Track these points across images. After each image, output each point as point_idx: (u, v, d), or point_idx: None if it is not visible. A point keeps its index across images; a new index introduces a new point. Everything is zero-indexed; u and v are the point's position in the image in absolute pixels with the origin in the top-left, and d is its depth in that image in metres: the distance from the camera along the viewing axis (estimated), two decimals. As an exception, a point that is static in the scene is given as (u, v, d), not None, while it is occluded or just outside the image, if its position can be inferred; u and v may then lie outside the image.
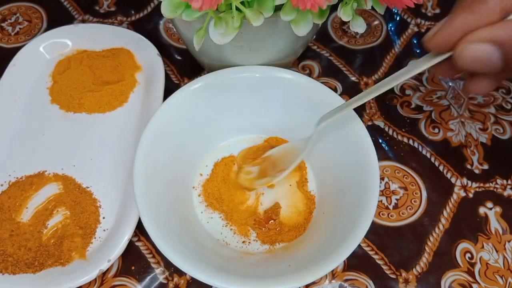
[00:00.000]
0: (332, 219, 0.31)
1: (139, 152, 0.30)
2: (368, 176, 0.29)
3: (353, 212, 0.29)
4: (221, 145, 0.36)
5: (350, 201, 0.30)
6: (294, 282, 0.26)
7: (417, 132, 0.39)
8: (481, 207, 0.35)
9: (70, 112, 0.38)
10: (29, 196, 0.34)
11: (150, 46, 0.40)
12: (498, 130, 0.39)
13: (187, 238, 0.29)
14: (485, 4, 0.21)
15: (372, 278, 0.32)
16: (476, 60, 0.22)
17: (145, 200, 0.28)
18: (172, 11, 0.27)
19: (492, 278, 0.32)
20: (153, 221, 0.27)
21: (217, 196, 0.34)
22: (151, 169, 0.30)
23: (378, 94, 0.28)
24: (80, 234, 0.32)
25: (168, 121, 0.32)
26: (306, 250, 0.29)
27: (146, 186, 0.29)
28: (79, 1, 0.47)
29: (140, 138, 0.30)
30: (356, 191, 0.30)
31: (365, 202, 0.28)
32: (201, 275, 0.26)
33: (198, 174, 0.35)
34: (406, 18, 0.46)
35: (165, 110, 0.32)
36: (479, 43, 0.21)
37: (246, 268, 0.29)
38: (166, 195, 0.30)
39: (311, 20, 0.28)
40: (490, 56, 0.21)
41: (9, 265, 0.30)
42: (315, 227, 0.32)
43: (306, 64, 0.43)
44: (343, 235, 0.28)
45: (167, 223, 0.28)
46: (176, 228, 0.29)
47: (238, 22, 0.27)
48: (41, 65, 0.41)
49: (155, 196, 0.29)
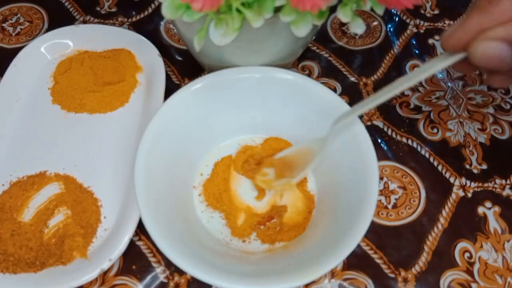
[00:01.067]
0: (331, 219, 0.31)
1: (140, 152, 0.30)
2: (367, 177, 0.29)
3: (352, 212, 0.29)
4: (221, 145, 0.36)
5: (350, 201, 0.30)
6: (294, 281, 0.26)
7: (416, 132, 0.39)
8: (480, 206, 0.35)
9: (71, 113, 0.38)
10: (30, 195, 0.34)
11: (151, 47, 0.41)
12: (497, 130, 0.39)
13: (188, 237, 0.29)
14: (498, 5, 0.22)
15: (371, 277, 0.32)
16: (489, 57, 0.23)
17: (146, 200, 0.28)
18: (173, 12, 0.27)
19: (491, 278, 0.32)
20: (154, 222, 0.28)
21: (217, 196, 0.34)
22: (152, 169, 0.30)
23: (398, 92, 0.28)
24: (81, 234, 0.32)
25: (169, 122, 0.32)
26: (306, 249, 0.30)
27: (147, 186, 0.29)
28: (80, 2, 0.47)
29: (141, 139, 0.30)
30: (355, 191, 0.30)
31: (364, 202, 0.28)
32: (202, 275, 0.26)
33: (199, 174, 0.35)
34: (405, 19, 0.46)
35: (165, 111, 0.32)
36: (491, 41, 0.22)
37: (247, 267, 0.29)
38: (167, 195, 0.31)
39: (310, 21, 0.28)
40: (503, 54, 0.22)
41: (10, 264, 0.31)
42: (315, 226, 0.32)
43: (306, 64, 0.43)
44: (342, 234, 0.28)
45: (168, 223, 0.29)
46: (177, 228, 0.29)
47: (238, 23, 0.27)
48: (42, 66, 0.41)
49: (156, 197, 0.29)
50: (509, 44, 0.22)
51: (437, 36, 0.45)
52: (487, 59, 0.23)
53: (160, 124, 0.31)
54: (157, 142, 0.31)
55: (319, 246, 0.29)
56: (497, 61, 0.23)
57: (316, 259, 0.27)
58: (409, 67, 0.43)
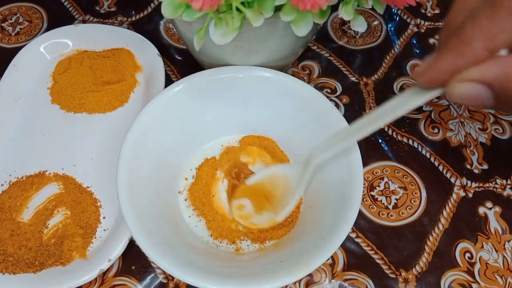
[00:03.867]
0: (319, 213, 0.31)
1: (121, 163, 0.29)
2: (352, 169, 0.29)
3: (340, 204, 0.29)
4: (204, 148, 0.36)
5: (336, 193, 0.30)
6: (287, 278, 0.26)
7: (417, 132, 0.39)
8: (481, 207, 0.35)
9: (70, 112, 0.38)
10: (29, 196, 0.34)
11: (150, 46, 0.40)
12: (497, 130, 0.39)
13: (177, 244, 0.29)
14: (470, 46, 0.21)
15: (371, 278, 0.32)
16: (466, 98, 0.22)
17: (131, 209, 0.28)
18: (173, 12, 0.27)
19: (491, 278, 0.32)
20: (141, 231, 0.27)
21: (203, 200, 0.33)
22: (135, 177, 0.29)
23: (375, 128, 0.27)
24: (81, 234, 0.32)
25: (149, 127, 0.32)
26: (297, 245, 0.29)
27: (131, 195, 0.28)
28: (80, 2, 0.47)
29: (120, 148, 0.30)
30: (341, 184, 0.30)
31: (351, 192, 0.28)
32: (193, 280, 0.26)
33: (183, 178, 0.35)
34: (405, 19, 0.46)
35: (146, 114, 0.31)
36: (468, 82, 0.22)
37: (239, 268, 0.29)
38: (153, 202, 0.30)
39: (311, 21, 0.28)
40: (480, 94, 0.22)
41: (9, 264, 0.30)
42: (304, 222, 0.32)
43: (306, 64, 0.43)
44: (331, 227, 0.28)
45: (155, 231, 0.28)
46: (165, 235, 0.29)
47: (238, 22, 0.27)
48: (42, 65, 0.41)
49: (142, 204, 0.29)
50: (485, 84, 0.22)
51: (438, 35, 0.45)
52: (465, 99, 0.22)
53: (140, 130, 0.31)
54: (138, 149, 0.30)
55: (309, 240, 0.29)
56: (475, 101, 0.22)
57: (307, 254, 0.27)
58: (410, 67, 0.43)
